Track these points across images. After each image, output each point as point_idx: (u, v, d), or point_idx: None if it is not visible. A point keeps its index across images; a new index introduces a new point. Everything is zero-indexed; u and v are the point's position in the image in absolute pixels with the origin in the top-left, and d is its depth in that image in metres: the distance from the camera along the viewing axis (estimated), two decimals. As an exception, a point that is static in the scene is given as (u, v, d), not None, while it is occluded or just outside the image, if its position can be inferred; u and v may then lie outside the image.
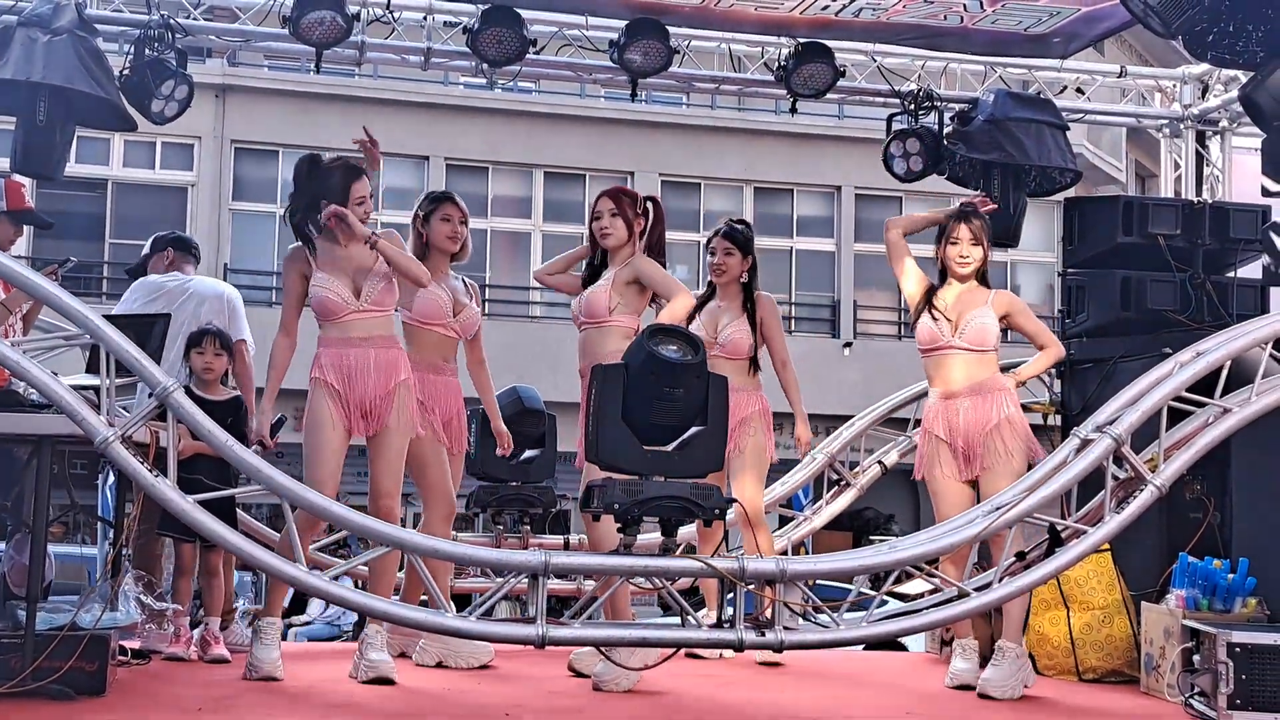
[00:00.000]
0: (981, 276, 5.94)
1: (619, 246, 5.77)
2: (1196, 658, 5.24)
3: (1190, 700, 5.20)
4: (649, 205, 5.86)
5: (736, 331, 6.44)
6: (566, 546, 8.06)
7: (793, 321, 19.90)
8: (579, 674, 5.73)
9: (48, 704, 4.59)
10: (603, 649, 5.36)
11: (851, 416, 8.64)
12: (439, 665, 5.88)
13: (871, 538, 14.18)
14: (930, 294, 5.95)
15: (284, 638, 6.26)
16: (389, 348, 5.53)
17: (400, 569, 5.91)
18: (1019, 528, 5.44)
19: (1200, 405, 5.60)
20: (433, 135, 19.16)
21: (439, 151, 19.23)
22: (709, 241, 6.60)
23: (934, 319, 5.89)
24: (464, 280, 6.28)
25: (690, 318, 5.87)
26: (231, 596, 6.68)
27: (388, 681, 5.35)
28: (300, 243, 5.58)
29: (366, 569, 5.72)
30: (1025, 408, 6.64)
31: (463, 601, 6.68)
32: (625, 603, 5.71)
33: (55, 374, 4.78)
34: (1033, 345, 6.05)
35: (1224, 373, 5.60)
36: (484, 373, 6.38)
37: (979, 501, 5.71)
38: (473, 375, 6.35)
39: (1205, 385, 5.60)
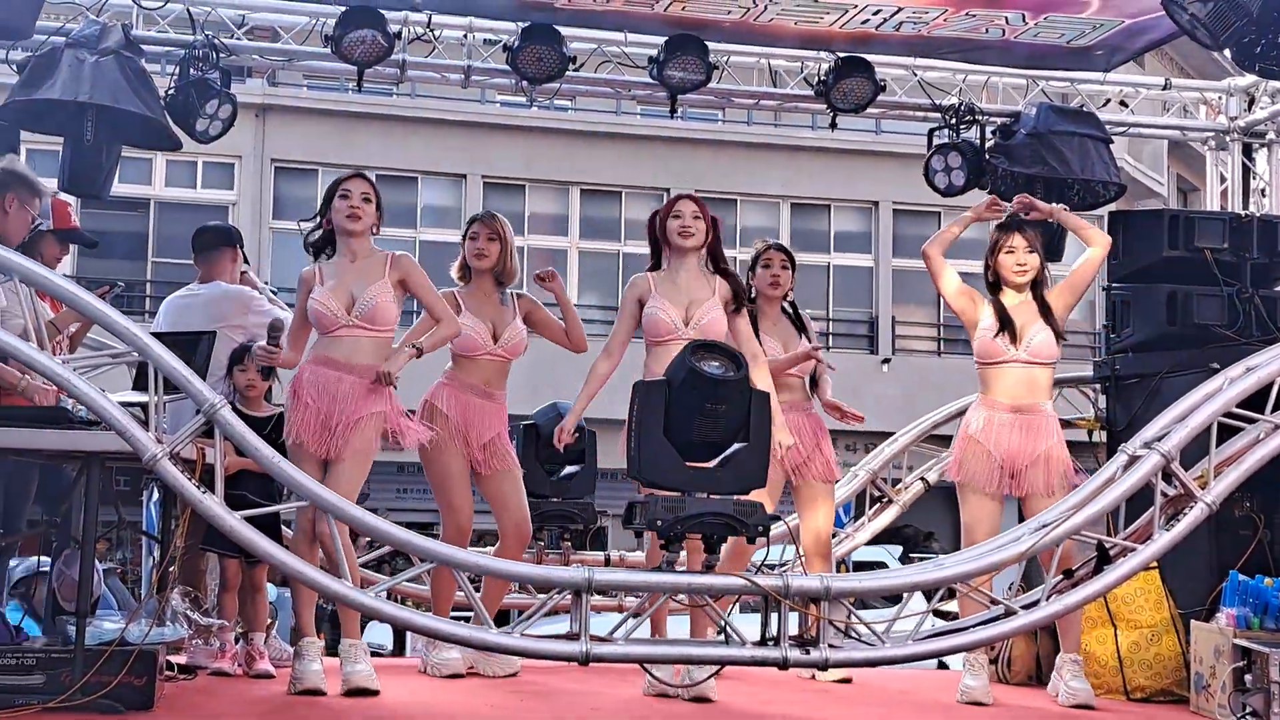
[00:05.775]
0: (1036, 287, 5.97)
1: (697, 248, 5.77)
2: (1248, 677, 5.19)
3: (1242, 720, 5.15)
4: (713, 218, 5.91)
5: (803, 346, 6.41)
6: (607, 562, 8.06)
7: (830, 338, 19.83)
8: None
9: (97, 718, 4.61)
10: (646, 665, 5.34)
11: (891, 433, 8.62)
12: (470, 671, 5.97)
13: (911, 555, 14.09)
14: (994, 308, 5.98)
15: None
16: (368, 376, 5.37)
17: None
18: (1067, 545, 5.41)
19: (1251, 421, 5.54)
20: (470, 153, 19.24)
21: (476, 170, 19.30)
22: (759, 255, 6.51)
23: (995, 332, 5.92)
24: (513, 295, 6.29)
25: None
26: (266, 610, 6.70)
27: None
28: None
29: (415, 586, 5.74)
30: (1068, 423, 6.61)
31: (500, 618, 6.70)
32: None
33: (104, 391, 4.81)
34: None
35: (1275, 388, 5.54)
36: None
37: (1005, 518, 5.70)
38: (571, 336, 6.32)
39: (1255, 401, 5.55)
